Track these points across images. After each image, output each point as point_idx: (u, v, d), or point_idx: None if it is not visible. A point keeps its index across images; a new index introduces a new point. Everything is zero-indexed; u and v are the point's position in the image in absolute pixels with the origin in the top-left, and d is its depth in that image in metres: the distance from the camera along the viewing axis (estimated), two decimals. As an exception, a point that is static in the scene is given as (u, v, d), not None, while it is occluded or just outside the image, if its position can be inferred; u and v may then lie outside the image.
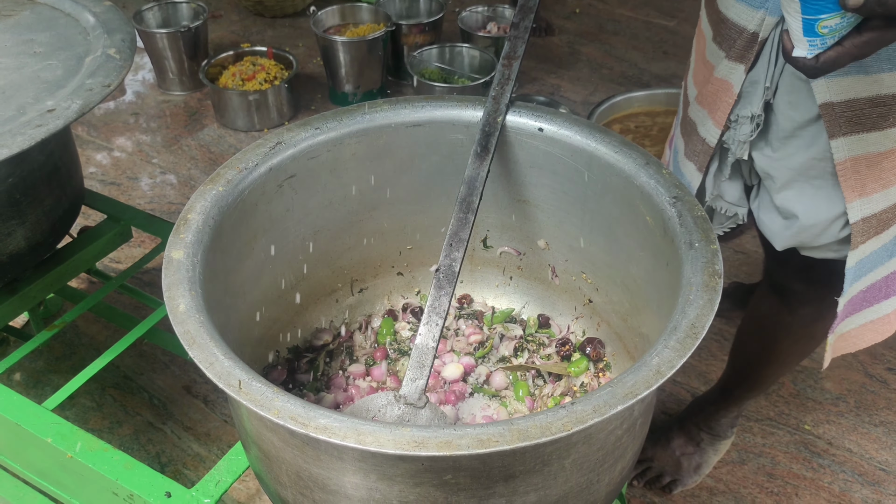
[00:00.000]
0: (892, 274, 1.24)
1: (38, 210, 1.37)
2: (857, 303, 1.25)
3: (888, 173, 1.11)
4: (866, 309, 1.26)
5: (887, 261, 1.21)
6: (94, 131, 2.89)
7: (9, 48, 1.33)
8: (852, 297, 1.23)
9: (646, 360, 0.80)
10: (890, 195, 1.12)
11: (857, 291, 1.23)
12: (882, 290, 1.25)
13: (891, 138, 1.08)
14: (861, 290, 1.23)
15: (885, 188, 1.12)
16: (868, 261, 1.20)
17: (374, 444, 0.72)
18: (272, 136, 1.11)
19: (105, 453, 1.18)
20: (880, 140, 1.08)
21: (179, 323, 0.84)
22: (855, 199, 1.12)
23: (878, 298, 1.26)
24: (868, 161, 1.09)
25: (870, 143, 1.08)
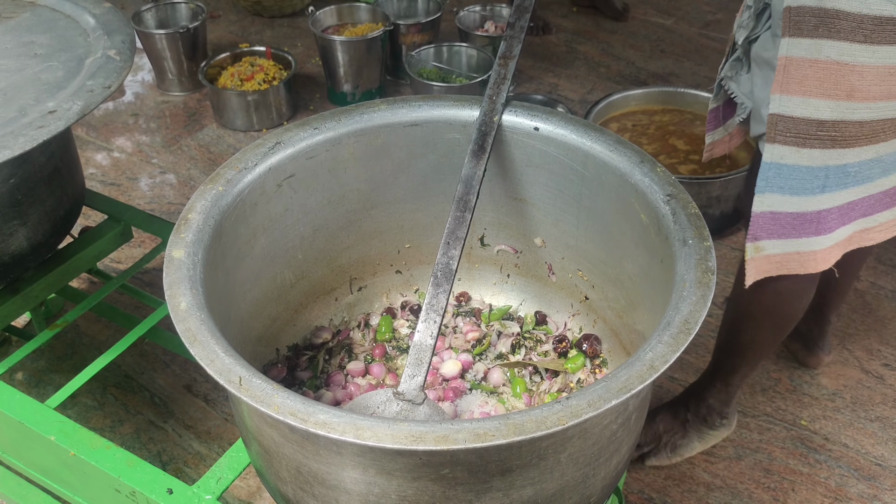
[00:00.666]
0: (825, 212, 1.30)
1: (39, 210, 1.38)
2: (786, 227, 1.31)
3: (810, 82, 1.20)
4: (794, 238, 1.32)
5: (819, 193, 1.28)
6: (94, 132, 2.90)
7: (10, 50, 1.34)
8: (779, 216, 1.30)
9: (639, 355, 0.81)
10: (809, 106, 1.21)
11: (785, 212, 1.30)
12: (813, 225, 1.31)
13: (817, 48, 1.18)
14: (790, 212, 1.30)
15: (805, 96, 1.21)
16: (791, 174, 1.27)
17: (373, 439, 0.73)
18: (271, 137, 1.12)
19: (107, 451, 1.19)
20: (809, 47, 1.18)
21: (181, 321, 0.85)
22: (777, 93, 1.23)
23: (808, 231, 1.32)
24: (797, 64, 1.20)
25: (801, 48, 1.19)
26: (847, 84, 1.18)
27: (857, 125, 1.21)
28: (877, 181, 1.30)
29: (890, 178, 1.32)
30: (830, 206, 1.29)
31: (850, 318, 2.13)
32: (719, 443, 1.81)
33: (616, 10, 3.57)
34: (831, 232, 1.32)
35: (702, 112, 2.57)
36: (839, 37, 1.15)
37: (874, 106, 1.20)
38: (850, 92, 1.18)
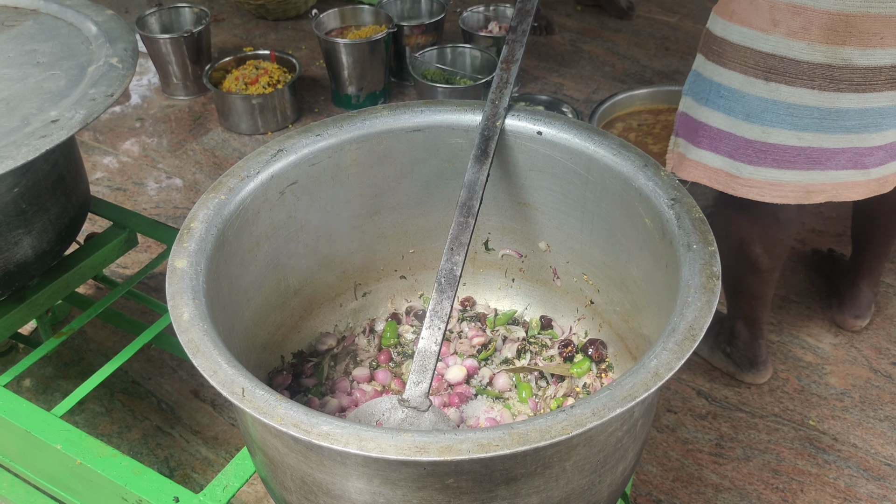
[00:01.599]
0: (704, 126, 1.47)
1: (44, 219, 1.38)
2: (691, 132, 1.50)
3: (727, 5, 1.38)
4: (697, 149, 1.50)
5: (703, 105, 1.46)
6: (100, 137, 2.91)
7: (12, 58, 1.34)
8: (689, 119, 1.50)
9: (644, 362, 0.81)
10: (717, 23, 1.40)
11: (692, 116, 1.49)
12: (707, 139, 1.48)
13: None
14: (693, 117, 1.49)
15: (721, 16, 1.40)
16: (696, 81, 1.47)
17: (377, 451, 0.73)
18: (274, 144, 1.12)
19: (113, 459, 1.19)
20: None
21: (183, 332, 0.85)
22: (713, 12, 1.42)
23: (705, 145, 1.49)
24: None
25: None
26: None
27: (731, 46, 1.37)
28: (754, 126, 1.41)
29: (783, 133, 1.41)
30: (703, 121, 1.46)
31: (859, 317, 2.12)
32: (727, 444, 1.80)
33: (621, 8, 3.56)
34: (701, 148, 1.48)
35: (707, 111, 2.56)
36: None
37: (745, 31, 1.35)
38: (731, 13, 1.36)
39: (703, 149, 1.49)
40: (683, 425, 1.85)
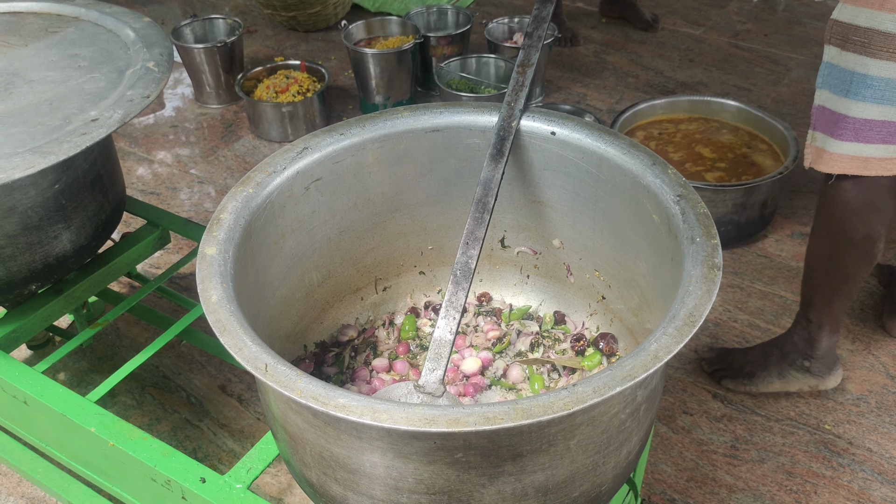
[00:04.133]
0: (842, 116, 1.44)
1: (82, 215, 1.45)
2: (829, 124, 1.46)
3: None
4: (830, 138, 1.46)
5: (842, 96, 1.42)
6: (136, 144, 3.00)
7: (55, 62, 1.42)
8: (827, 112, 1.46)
9: (645, 346, 0.85)
10: (853, 12, 1.36)
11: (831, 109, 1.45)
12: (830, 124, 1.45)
13: None
14: (832, 110, 1.45)
15: (855, 4, 1.36)
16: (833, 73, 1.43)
17: (389, 421, 0.78)
18: (299, 142, 1.18)
19: (144, 442, 1.25)
20: None
21: (212, 312, 0.91)
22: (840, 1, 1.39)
23: (840, 135, 1.45)
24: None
25: None
26: None
27: (883, 36, 1.32)
28: None
29: None
30: (846, 114, 1.42)
31: (877, 324, 2.13)
32: (742, 446, 1.82)
33: (645, 21, 3.60)
34: (842, 140, 1.45)
35: (728, 121, 2.59)
36: None
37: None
38: (882, 2, 1.30)
39: (846, 140, 1.45)
40: (699, 427, 1.87)
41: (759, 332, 2.11)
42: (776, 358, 1.87)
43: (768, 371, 1.88)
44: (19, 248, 1.37)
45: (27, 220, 1.35)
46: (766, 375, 1.88)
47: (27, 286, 1.44)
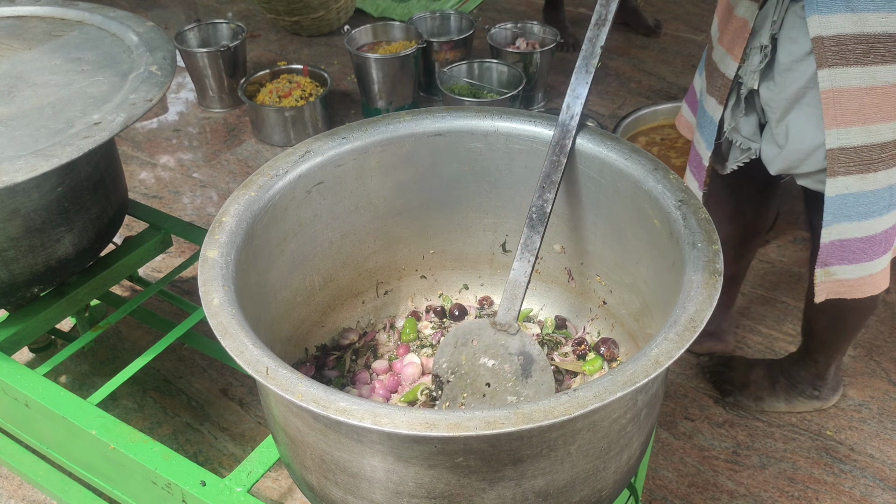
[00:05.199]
0: (892, 229, 1.33)
1: (84, 218, 1.46)
2: (856, 252, 1.34)
3: (868, 109, 1.20)
4: (866, 262, 1.35)
5: (886, 213, 1.30)
6: (139, 148, 3.01)
7: (59, 66, 1.42)
8: (848, 242, 1.32)
9: (646, 351, 0.85)
10: (871, 133, 1.22)
11: (854, 238, 1.32)
12: (882, 245, 1.33)
13: (871, 75, 1.18)
14: (859, 237, 1.31)
15: (865, 124, 1.21)
16: (857, 202, 1.28)
17: (389, 425, 0.78)
18: (302, 146, 1.18)
19: (145, 445, 1.25)
20: (861, 75, 1.18)
21: (213, 315, 0.91)
22: (833, 128, 1.22)
23: (877, 253, 1.34)
24: (849, 94, 1.20)
25: (852, 77, 1.19)
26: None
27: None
28: None
29: None
30: (876, 231, 1.32)
31: (878, 330, 2.13)
32: (744, 452, 1.82)
33: (648, 26, 3.61)
34: (882, 255, 1.35)
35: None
36: (895, 60, 1.16)
37: None
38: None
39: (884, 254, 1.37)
40: (700, 432, 1.87)
41: (760, 338, 2.11)
42: (784, 386, 1.87)
43: (776, 396, 1.88)
44: (22, 250, 1.37)
45: (30, 223, 1.36)
46: (774, 400, 1.89)
47: (29, 289, 1.44)
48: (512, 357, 1.14)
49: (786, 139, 1.31)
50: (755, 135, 1.40)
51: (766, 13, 1.27)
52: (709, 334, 2.03)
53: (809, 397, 1.87)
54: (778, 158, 1.34)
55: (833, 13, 1.16)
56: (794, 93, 1.26)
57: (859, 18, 1.15)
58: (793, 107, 1.28)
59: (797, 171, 1.34)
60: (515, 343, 1.13)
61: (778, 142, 1.33)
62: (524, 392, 1.13)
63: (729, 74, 1.35)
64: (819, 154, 1.28)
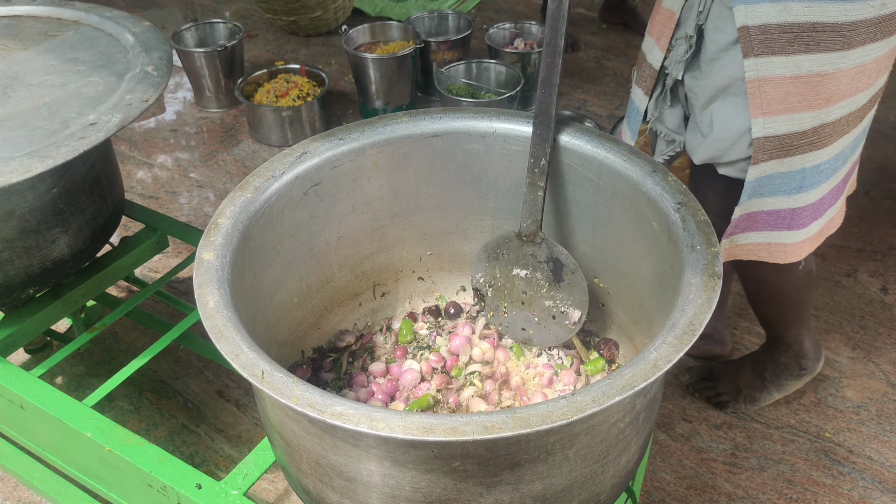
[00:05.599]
0: (799, 209, 1.34)
1: (80, 219, 1.45)
2: (759, 222, 1.36)
3: (793, 98, 1.21)
4: (767, 231, 1.37)
5: (795, 193, 1.32)
6: (135, 148, 3.00)
7: (54, 66, 1.42)
8: (754, 214, 1.34)
9: (644, 354, 0.84)
10: (794, 121, 1.23)
11: (760, 210, 1.34)
12: (786, 220, 1.36)
13: (795, 64, 1.19)
14: (765, 210, 1.34)
15: (790, 112, 1.23)
16: (769, 182, 1.31)
17: (386, 430, 0.77)
18: (298, 147, 1.17)
19: (140, 447, 1.24)
20: (786, 64, 1.19)
21: (208, 318, 0.90)
22: (759, 116, 1.23)
23: (780, 226, 1.37)
24: (774, 83, 1.21)
25: (777, 66, 1.20)
26: (827, 92, 1.21)
27: (831, 125, 1.26)
28: (840, 171, 1.36)
29: (847, 164, 1.37)
30: (804, 205, 1.35)
31: (877, 332, 2.12)
32: (742, 454, 1.82)
33: (645, 26, 3.59)
34: (803, 227, 1.38)
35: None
36: (818, 49, 1.17)
37: (844, 104, 1.25)
38: (828, 98, 1.22)
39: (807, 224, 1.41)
40: (698, 434, 1.87)
41: (758, 339, 2.10)
42: (771, 375, 1.87)
43: (767, 389, 1.88)
44: (17, 251, 1.36)
45: (25, 224, 1.35)
46: (766, 393, 1.89)
47: (25, 290, 1.43)
48: (542, 265, 1.21)
49: (710, 128, 1.32)
50: (680, 127, 1.41)
51: (692, 4, 1.28)
52: (705, 336, 2.02)
53: (797, 376, 1.87)
54: (702, 147, 1.35)
55: (759, 3, 1.17)
56: (719, 82, 1.28)
57: (784, 7, 1.16)
58: (718, 96, 1.29)
59: (721, 160, 1.35)
60: (543, 251, 1.19)
61: (702, 130, 1.35)
62: (558, 295, 1.22)
63: (655, 65, 1.37)
64: (744, 142, 1.29)
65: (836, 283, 2.27)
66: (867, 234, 2.43)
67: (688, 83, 1.34)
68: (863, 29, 1.17)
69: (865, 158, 1.46)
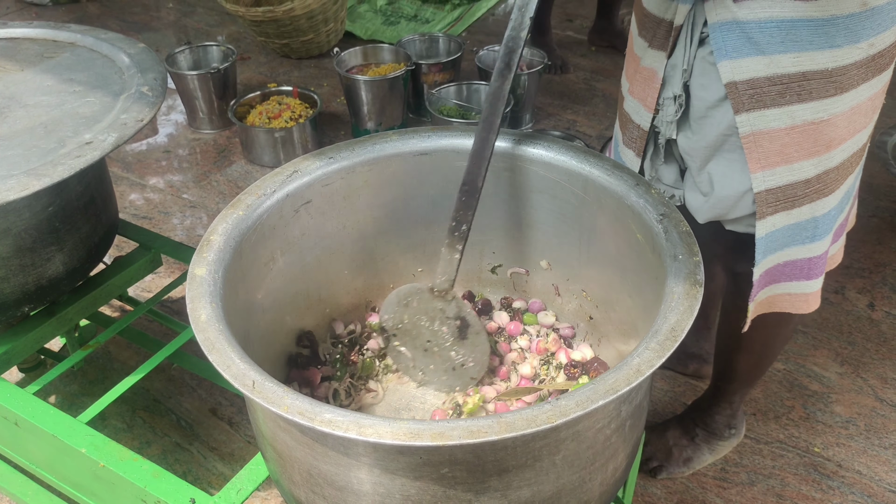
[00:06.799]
0: (816, 258, 1.32)
1: (75, 237, 1.47)
2: (777, 275, 1.34)
3: (790, 149, 1.20)
4: (785, 283, 1.35)
5: (809, 242, 1.30)
6: (129, 169, 3.02)
7: (51, 87, 1.44)
8: (772, 268, 1.32)
9: (627, 360, 0.86)
10: (794, 170, 1.22)
11: (775, 264, 1.32)
12: (804, 271, 1.34)
13: (789, 115, 1.18)
14: (780, 263, 1.32)
15: (788, 163, 1.21)
16: (781, 235, 1.29)
17: (374, 436, 0.79)
18: (289, 165, 1.20)
19: (134, 463, 1.25)
20: (780, 116, 1.18)
21: (200, 331, 0.92)
22: (759, 171, 1.22)
23: (798, 277, 1.35)
24: (770, 136, 1.20)
25: (771, 119, 1.18)
26: (825, 138, 1.20)
27: (835, 170, 1.24)
28: (845, 209, 1.35)
29: (849, 202, 1.36)
30: (821, 253, 1.33)
31: (865, 347, 2.15)
32: (732, 469, 1.83)
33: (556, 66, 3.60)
34: (821, 275, 1.36)
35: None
36: (811, 98, 1.16)
37: (845, 146, 1.23)
38: (828, 143, 1.21)
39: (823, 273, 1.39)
40: (688, 449, 1.88)
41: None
42: (704, 436, 1.81)
43: (700, 450, 1.82)
44: (12, 269, 1.38)
45: (21, 242, 1.37)
46: (700, 455, 1.82)
47: (20, 308, 1.45)
48: (449, 321, 1.23)
49: (710, 187, 1.29)
50: (677, 181, 1.37)
51: (675, 62, 1.24)
52: (694, 356, 2.04)
53: (728, 437, 1.82)
54: (705, 207, 1.31)
55: (744, 57, 1.15)
56: (712, 140, 1.24)
57: (771, 61, 1.14)
58: (713, 155, 1.26)
59: (727, 217, 1.31)
60: (452, 309, 1.21)
61: (702, 190, 1.31)
62: (461, 350, 1.24)
63: (644, 125, 1.33)
64: (747, 199, 1.26)
65: (824, 300, 2.28)
66: (855, 252, 2.46)
67: (681, 143, 1.30)
68: (853, 72, 1.15)
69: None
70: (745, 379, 1.70)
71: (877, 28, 1.14)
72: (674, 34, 1.23)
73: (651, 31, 1.27)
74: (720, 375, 1.73)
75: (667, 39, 1.24)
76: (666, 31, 1.24)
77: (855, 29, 1.12)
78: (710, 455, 1.82)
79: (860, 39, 1.13)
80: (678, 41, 1.23)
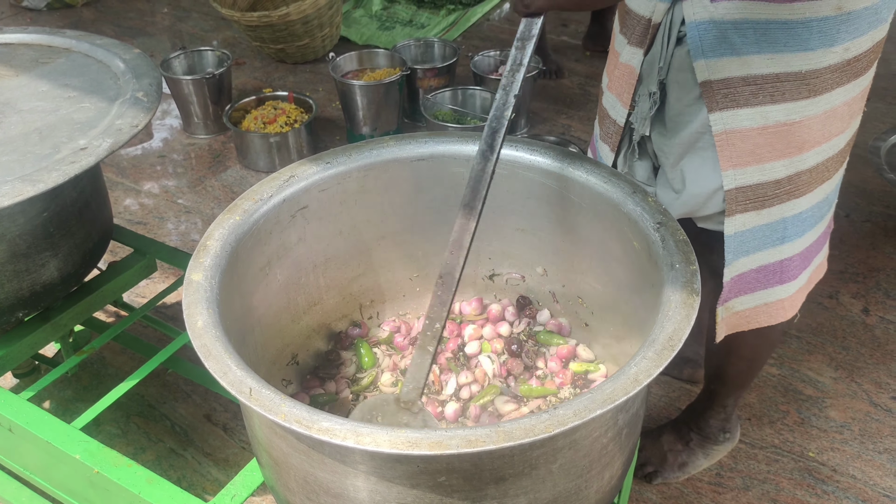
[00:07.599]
0: (787, 260, 1.33)
1: (69, 243, 1.46)
2: (750, 282, 1.34)
3: (762, 149, 1.21)
4: (760, 291, 1.35)
5: (780, 244, 1.30)
6: (123, 174, 3.01)
7: (46, 92, 1.44)
8: (744, 275, 1.32)
9: (625, 369, 0.86)
10: (765, 171, 1.23)
11: (749, 269, 1.32)
12: (776, 275, 1.34)
13: (762, 115, 1.18)
14: (753, 268, 1.32)
15: (760, 163, 1.22)
16: (752, 237, 1.29)
17: (372, 444, 0.79)
18: (286, 170, 1.19)
19: (129, 469, 1.25)
20: (753, 116, 1.19)
21: (197, 337, 0.92)
22: (729, 169, 1.23)
23: (771, 282, 1.35)
24: (742, 135, 1.20)
25: (743, 119, 1.19)
26: (798, 140, 1.20)
27: (808, 172, 1.25)
28: (826, 217, 1.35)
29: (831, 210, 1.36)
30: (791, 255, 1.33)
31: (859, 352, 2.15)
32: (727, 474, 1.83)
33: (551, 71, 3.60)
34: (795, 279, 1.35)
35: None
36: (784, 99, 1.17)
37: (820, 149, 1.23)
38: (800, 145, 1.21)
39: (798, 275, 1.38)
40: (684, 455, 1.88)
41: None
42: (698, 441, 1.81)
43: (695, 455, 1.81)
44: (7, 275, 1.37)
45: (15, 248, 1.36)
46: (695, 460, 1.82)
47: (14, 314, 1.44)
48: None
49: (682, 184, 1.30)
50: (650, 179, 1.38)
51: (652, 59, 1.25)
52: (689, 361, 2.04)
53: (722, 442, 1.82)
54: (676, 203, 1.32)
55: (719, 57, 1.16)
56: (686, 138, 1.26)
57: (745, 61, 1.15)
58: (687, 152, 1.27)
59: (698, 214, 1.32)
60: (418, 422, 1.10)
61: (674, 187, 1.32)
62: None
63: (620, 121, 1.34)
64: (718, 196, 1.27)
65: (818, 305, 2.30)
66: (848, 257, 2.47)
67: (655, 141, 1.32)
68: (827, 75, 1.16)
69: (845, 182, 1.47)
70: (736, 382, 1.70)
71: (853, 33, 1.14)
72: (651, 31, 1.24)
73: (631, 28, 1.29)
74: (712, 379, 1.73)
75: (644, 36, 1.25)
76: (644, 29, 1.25)
77: (829, 33, 1.13)
78: (704, 460, 1.82)
79: (835, 43, 1.14)
80: (655, 39, 1.24)
